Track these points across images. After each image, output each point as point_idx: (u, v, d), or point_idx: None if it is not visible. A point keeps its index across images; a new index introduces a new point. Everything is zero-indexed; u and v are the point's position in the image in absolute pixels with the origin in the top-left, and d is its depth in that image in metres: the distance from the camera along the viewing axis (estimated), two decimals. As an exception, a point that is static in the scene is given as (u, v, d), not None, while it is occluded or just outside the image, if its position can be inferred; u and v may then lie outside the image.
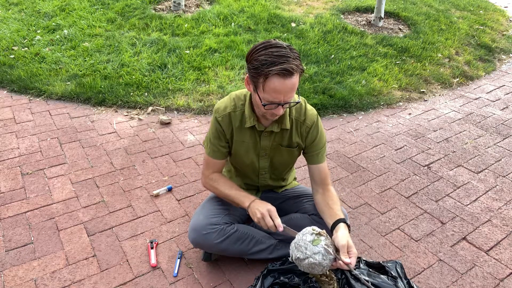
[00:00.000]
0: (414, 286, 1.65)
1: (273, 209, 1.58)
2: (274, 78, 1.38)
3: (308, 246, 1.41)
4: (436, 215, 2.23)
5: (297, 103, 1.52)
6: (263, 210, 1.55)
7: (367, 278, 1.63)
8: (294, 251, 1.44)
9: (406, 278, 1.67)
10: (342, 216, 1.55)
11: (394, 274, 1.66)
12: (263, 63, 1.38)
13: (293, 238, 1.51)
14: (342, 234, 1.46)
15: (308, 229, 1.47)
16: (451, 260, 1.94)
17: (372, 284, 1.61)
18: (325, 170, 1.72)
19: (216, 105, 1.68)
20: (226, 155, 1.74)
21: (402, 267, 1.71)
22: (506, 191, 2.44)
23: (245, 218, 1.88)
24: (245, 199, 1.64)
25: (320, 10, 5.19)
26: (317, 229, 1.46)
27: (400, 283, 1.62)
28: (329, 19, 4.81)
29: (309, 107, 1.68)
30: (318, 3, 5.44)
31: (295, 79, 1.41)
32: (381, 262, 1.74)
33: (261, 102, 1.46)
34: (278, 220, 1.55)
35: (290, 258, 1.47)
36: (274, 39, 1.45)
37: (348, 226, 1.53)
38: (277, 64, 1.37)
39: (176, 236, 2.02)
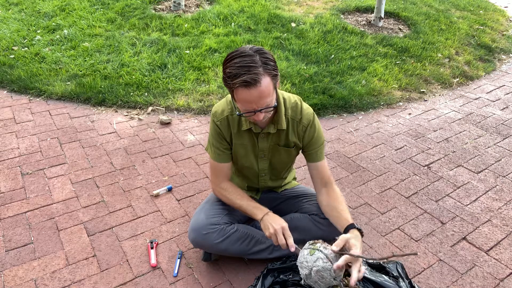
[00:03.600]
0: (416, 286, 1.65)
1: (286, 225, 1.56)
2: (240, 90, 1.38)
3: (307, 258, 1.43)
4: (436, 215, 2.23)
5: (274, 107, 1.48)
6: (276, 227, 1.54)
7: (368, 276, 1.63)
8: (301, 271, 1.45)
9: (407, 278, 1.67)
10: (351, 221, 1.53)
11: (395, 274, 1.66)
12: (228, 76, 1.39)
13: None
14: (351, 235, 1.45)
15: (305, 245, 1.49)
16: (451, 260, 1.94)
17: (374, 282, 1.61)
18: (325, 168, 1.72)
19: (213, 108, 1.67)
20: (231, 157, 1.73)
21: (403, 268, 1.70)
22: (506, 191, 2.44)
23: (245, 218, 1.88)
24: (257, 211, 1.63)
25: (320, 10, 5.19)
26: (311, 241, 1.48)
27: (402, 283, 1.62)
28: (329, 19, 4.81)
29: (305, 105, 1.67)
30: (318, 3, 5.44)
31: (262, 87, 1.37)
32: (381, 262, 1.74)
33: (236, 111, 1.49)
34: (291, 240, 1.53)
35: (302, 282, 1.47)
36: (246, 46, 1.43)
37: (360, 231, 1.50)
38: (239, 76, 1.36)
39: (176, 236, 2.02)
